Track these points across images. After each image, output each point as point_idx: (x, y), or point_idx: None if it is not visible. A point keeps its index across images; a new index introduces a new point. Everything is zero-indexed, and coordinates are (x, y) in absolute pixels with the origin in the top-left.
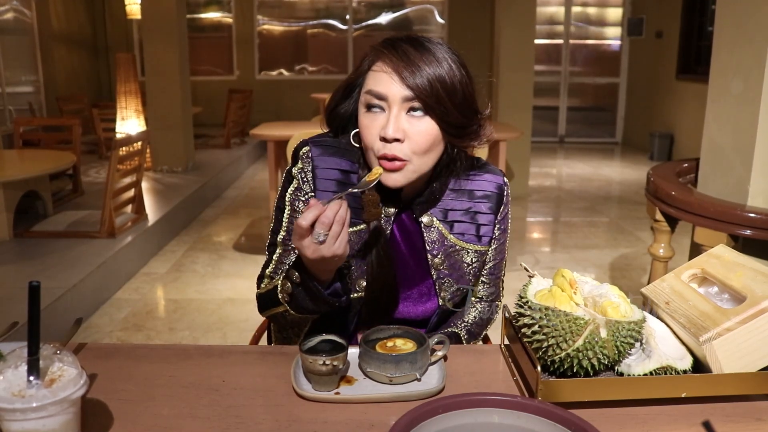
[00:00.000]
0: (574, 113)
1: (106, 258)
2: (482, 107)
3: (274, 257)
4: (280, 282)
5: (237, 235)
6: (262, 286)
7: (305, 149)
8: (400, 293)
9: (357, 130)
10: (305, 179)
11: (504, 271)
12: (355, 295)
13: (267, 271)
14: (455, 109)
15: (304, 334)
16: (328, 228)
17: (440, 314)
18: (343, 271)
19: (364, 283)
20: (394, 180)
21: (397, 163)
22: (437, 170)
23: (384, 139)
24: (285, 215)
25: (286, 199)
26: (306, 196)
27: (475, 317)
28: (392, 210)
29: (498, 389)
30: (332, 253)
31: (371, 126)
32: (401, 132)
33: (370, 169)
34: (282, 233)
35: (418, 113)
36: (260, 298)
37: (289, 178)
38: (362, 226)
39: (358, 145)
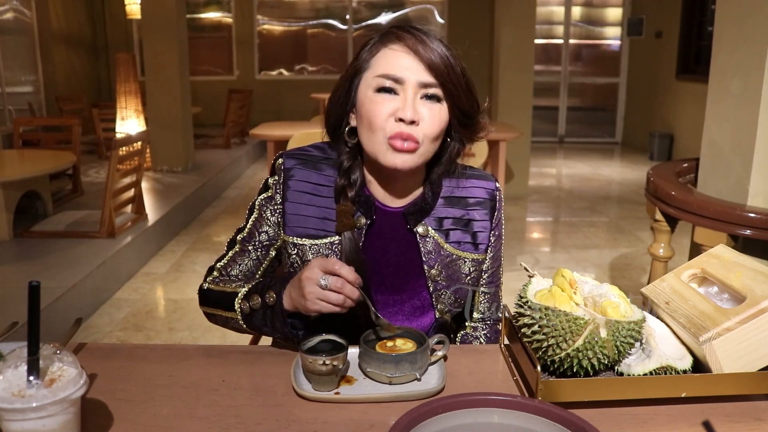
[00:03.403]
0: (574, 113)
1: (106, 258)
2: (481, 101)
3: (229, 254)
4: (243, 293)
5: None
6: (215, 277)
7: (279, 161)
8: (390, 309)
9: (350, 126)
10: (278, 190)
11: (501, 278)
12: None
13: (218, 264)
14: (464, 97)
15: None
16: (335, 284)
17: (437, 328)
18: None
19: None
20: (404, 161)
21: (411, 144)
22: (431, 174)
23: (401, 120)
24: (251, 218)
25: (257, 203)
26: (276, 206)
27: (488, 336)
28: (364, 221)
29: (498, 389)
30: (306, 297)
31: (382, 108)
32: (418, 115)
33: (349, 179)
34: (243, 234)
35: (433, 99)
36: (209, 293)
37: (265, 186)
38: (335, 238)
39: (353, 141)
